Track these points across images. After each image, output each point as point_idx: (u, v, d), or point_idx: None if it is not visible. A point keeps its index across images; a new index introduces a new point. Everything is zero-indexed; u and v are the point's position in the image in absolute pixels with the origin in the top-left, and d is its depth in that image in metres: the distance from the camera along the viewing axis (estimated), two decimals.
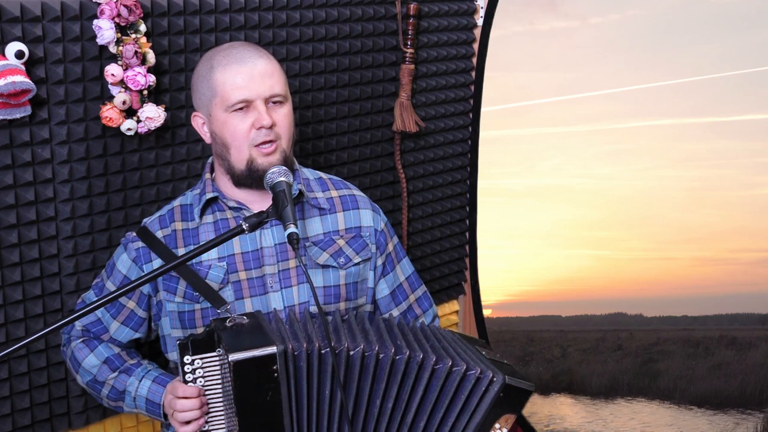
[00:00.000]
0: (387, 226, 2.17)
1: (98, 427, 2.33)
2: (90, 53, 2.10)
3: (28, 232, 2.10)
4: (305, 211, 2.06)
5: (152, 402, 1.97)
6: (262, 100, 1.93)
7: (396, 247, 2.19)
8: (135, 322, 2.04)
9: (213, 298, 1.95)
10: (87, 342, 2.05)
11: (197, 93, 1.99)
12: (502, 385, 1.84)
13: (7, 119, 2.00)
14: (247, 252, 2.00)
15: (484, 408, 1.85)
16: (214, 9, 2.30)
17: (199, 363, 1.82)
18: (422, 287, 2.25)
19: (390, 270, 2.16)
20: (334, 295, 2.04)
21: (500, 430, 1.89)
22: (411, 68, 2.77)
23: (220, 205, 2.03)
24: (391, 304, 2.16)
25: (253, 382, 1.73)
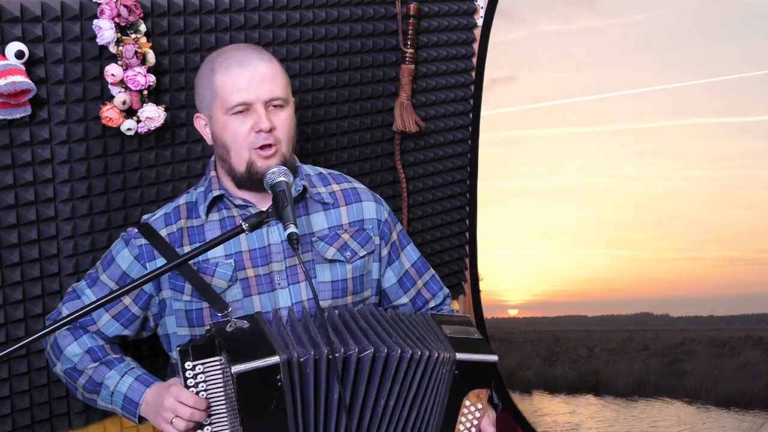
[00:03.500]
0: (390, 215, 2.17)
1: (98, 427, 2.33)
2: (90, 53, 2.10)
3: (28, 232, 2.10)
4: (309, 206, 2.06)
5: (130, 400, 1.94)
6: (262, 103, 1.93)
7: (400, 235, 2.19)
8: (127, 318, 2.03)
9: (214, 300, 1.95)
10: (72, 330, 2.03)
11: (199, 95, 2.00)
12: (454, 362, 1.84)
13: (7, 119, 2.00)
14: (254, 249, 2.00)
15: (443, 389, 1.86)
16: (214, 9, 2.30)
17: (201, 368, 1.82)
18: (430, 271, 2.24)
19: (395, 258, 2.16)
20: (341, 289, 2.05)
21: (472, 405, 1.88)
22: (411, 68, 2.77)
23: (226, 203, 2.03)
24: (399, 291, 2.16)
25: (256, 393, 1.73)
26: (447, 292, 2.27)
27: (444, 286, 2.28)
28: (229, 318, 1.85)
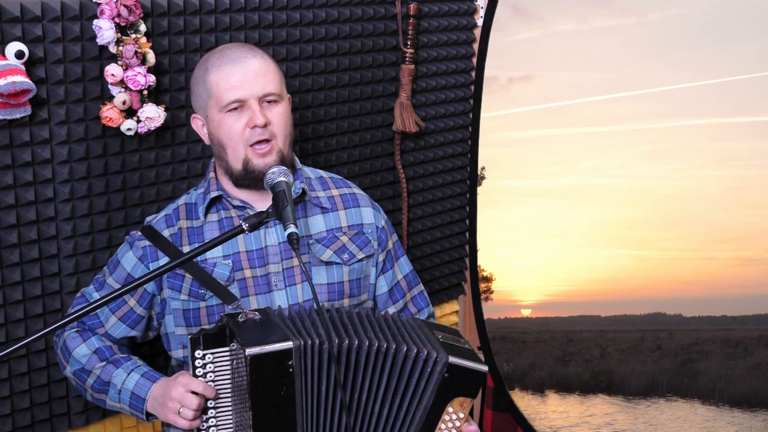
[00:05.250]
0: (387, 223, 2.18)
1: (98, 427, 2.33)
2: (90, 53, 2.10)
3: (28, 232, 2.10)
4: (308, 209, 2.07)
5: (137, 396, 1.94)
6: (256, 99, 1.94)
7: (395, 245, 2.20)
8: (132, 319, 2.04)
9: (223, 294, 1.95)
10: (80, 332, 2.04)
11: (195, 94, 2.02)
12: (445, 364, 1.84)
13: (7, 119, 2.00)
14: (251, 250, 2.00)
15: (431, 389, 1.85)
16: (214, 9, 2.30)
17: (210, 358, 1.82)
18: (419, 286, 2.25)
19: (389, 267, 2.16)
20: (338, 291, 2.05)
21: (455, 413, 1.87)
22: (411, 68, 2.77)
23: (224, 204, 2.04)
24: (388, 301, 2.17)
25: (268, 377, 1.74)
26: (432, 311, 2.28)
27: (430, 303, 2.28)
28: (242, 309, 1.86)
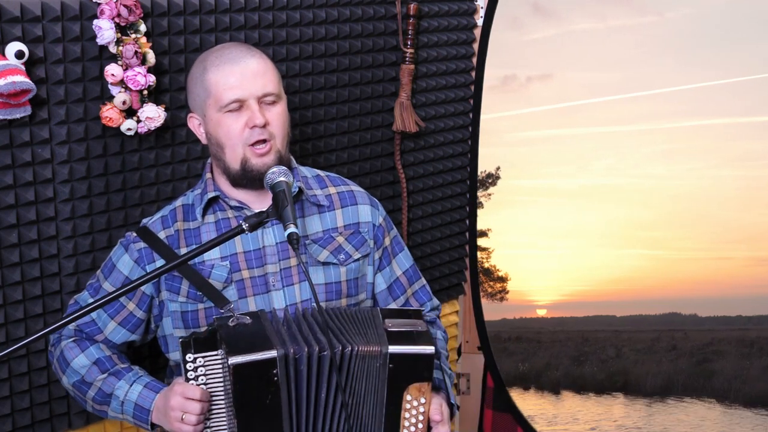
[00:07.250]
0: (386, 220, 2.17)
1: (98, 427, 2.33)
2: (90, 53, 2.10)
3: (28, 232, 2.10)
4: (305, 209, 2.06)
5: (141, 407, 1.93)
6: (255, 99, 1.93)
7: (393, 241, 2.18)
8: (132, 323, 2.03)
9: (215, 298, 1.95)
10: (78, 342, 2.03)
11: (192, 94, 2.01)
12: (386, 356, 1.83)
13: (7, 119, 2.00)
14: (249, 251, 2.00)
15: (380, 383, 1.85)
16: (214, 9, 2.30)
17: (201, 362, 1.82)
18: (421, 280, 2.23)
19: (386, 264, 2.15)
20: (335, 291, 2.05)
21: (414, 400, 1.87)
22: (411, 68, 2.77)
23: (221, 205, 2.03)
24: (388, 298, 2.16)
25: (253, 386, 1.73)
26: (437, 303, 2.26)
27: (434, 297, 2.26)
28: (233, 313, 1.85)
